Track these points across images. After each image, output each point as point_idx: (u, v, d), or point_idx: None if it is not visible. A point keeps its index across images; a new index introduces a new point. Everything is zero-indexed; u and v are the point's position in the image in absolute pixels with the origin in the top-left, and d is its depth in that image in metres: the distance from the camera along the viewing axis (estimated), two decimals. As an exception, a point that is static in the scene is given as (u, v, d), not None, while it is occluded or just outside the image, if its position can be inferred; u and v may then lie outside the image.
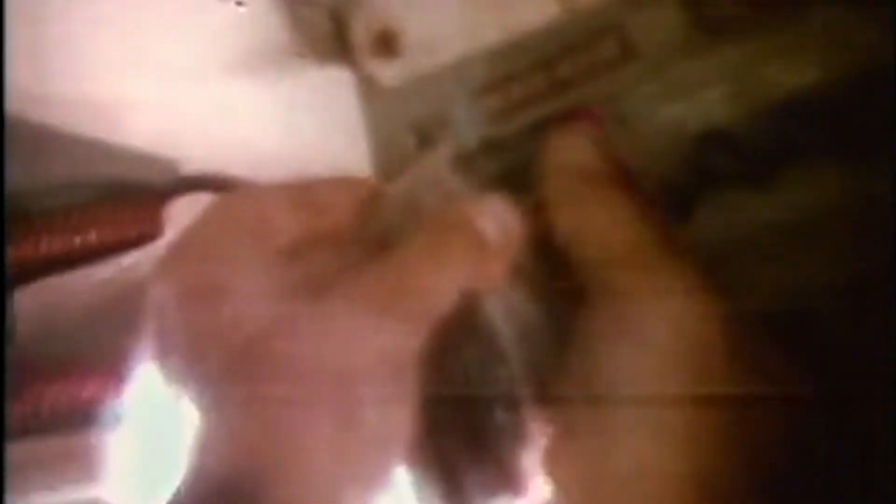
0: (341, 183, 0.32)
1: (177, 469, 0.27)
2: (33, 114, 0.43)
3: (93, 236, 0.42)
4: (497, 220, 0.30)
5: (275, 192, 0.32)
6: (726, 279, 0.32)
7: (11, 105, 0.43)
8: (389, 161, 0.34)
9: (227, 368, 0.28)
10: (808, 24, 0.30)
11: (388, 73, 0.34)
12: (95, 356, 0.39)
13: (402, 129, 0.34)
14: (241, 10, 0.35)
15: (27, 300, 0.39)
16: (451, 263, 0.29)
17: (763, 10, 0.31)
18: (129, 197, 0.40)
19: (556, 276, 0.32)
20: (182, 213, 0.38)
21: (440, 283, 0.29)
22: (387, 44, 0.35)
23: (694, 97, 0.32)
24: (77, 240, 0.41)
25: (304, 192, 0.32)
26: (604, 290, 0.31)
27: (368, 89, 0.35)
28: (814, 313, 0.31)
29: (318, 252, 0.30)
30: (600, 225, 0.31)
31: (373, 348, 0.28)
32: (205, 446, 0.27)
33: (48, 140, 0.43)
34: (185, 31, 0.36)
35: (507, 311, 0.30)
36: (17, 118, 0.44)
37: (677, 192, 0.33)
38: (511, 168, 0.34)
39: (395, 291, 0.28)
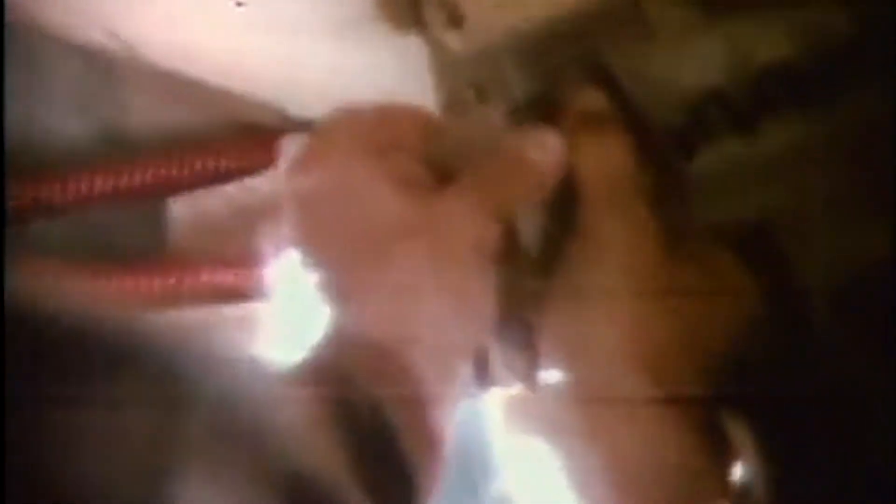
0: (412, 110, 0.42)
1: (313, 332, 0.36)
2: (160, 60, 0.52)
3: (215, 164, 0.52)
4: (543, 147, 0.40)
5: (369, 111, 0.41)
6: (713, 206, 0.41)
7: (142, 50, 0.52)
8: (453, 112, 0.43)
9: (353, 257, 0.37)
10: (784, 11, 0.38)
11: (455, 41, 0.43)
12: (230, 252, 0.49)
13: (464, 87, 0.43)
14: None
15: (178, 207, 0.50)
16: (514, 184, 0.39)
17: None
18: (245, 134, 0.50)
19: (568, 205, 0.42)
20: (291, 149, 0.47)
21: (508, 199, 0.39)
22: (454, 18, 0.43)
23: (697, 63, 0.41)
24: (203, 164, 0.51)
25: (387, 114, 0.41)
26: (592, 215, 0.41)
27: (438, 54, 0.44)
28: (770, 230, 0.40)
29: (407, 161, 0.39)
30: (602, 169, 0.41)
31: (466, 243, 0.37)
32: (339, 319, 0.36)
33: (174, 83, 0.52)
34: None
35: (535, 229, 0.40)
36: (146, 63, 0.53)
37: (682, 138, 0.42)
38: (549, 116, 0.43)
39: (481, 198, 0.38)
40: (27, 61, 0.58)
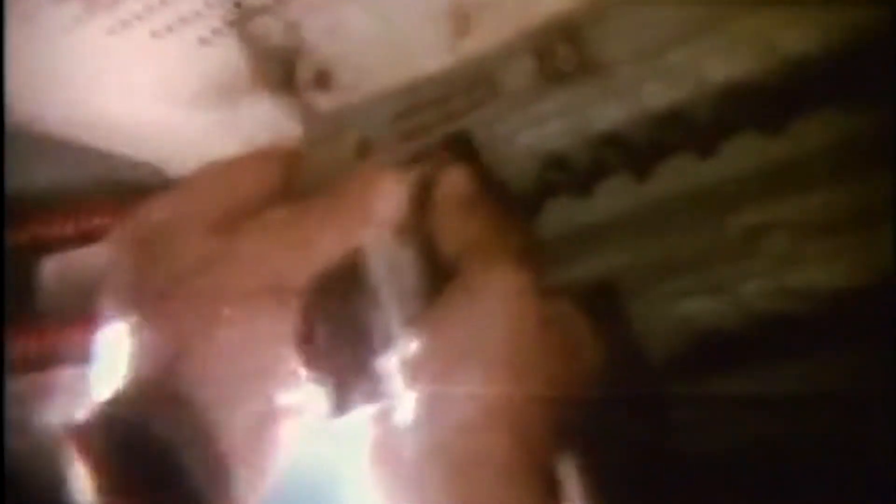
0: (268, 152, 0.44)
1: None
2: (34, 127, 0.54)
3: (89, 222, 0.53)
4: (386, 193, 0.42)
5: (211, 172, 0.44)
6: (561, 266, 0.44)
7: (13, 117, 0.54)
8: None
9: (158, 295, 0.39)
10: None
11: (323, 102, 0.46)
12: (79, 312, 0.50)
13: (336, 143, 0.46)
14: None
15: (50, 266, 0.51)
16: (338, 224, 0.41)
17: (589, 67, 0.43)
18: (122, 193, 0.51)
19: (431, 255, 0.44)
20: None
21: (324, 238, 0.41)
22: (323, 80, 0.47)
23: (541, 127, 0.44)
24: (78, 223, 0.52)
25: (236, 165, 0.44)
26: (461, 270, 0.43)
27: (308, 114, 0.46)
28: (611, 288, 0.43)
29: (248, 212, 0.41)
30: (466, 229, 0.44)
31: (267, 276, 0.39)
32: (141, 354, 0.39)
33: (49, 148, 0.54)
34: (165, 63, 0.48)
35: (390, 268, 0.42)
36: (19, 129, 0.55)
37: (527, 199, 0.45)
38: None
39: (290, 236, 0.40)
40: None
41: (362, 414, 0.44)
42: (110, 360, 0.42)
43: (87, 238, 0.52)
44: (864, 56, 0.39)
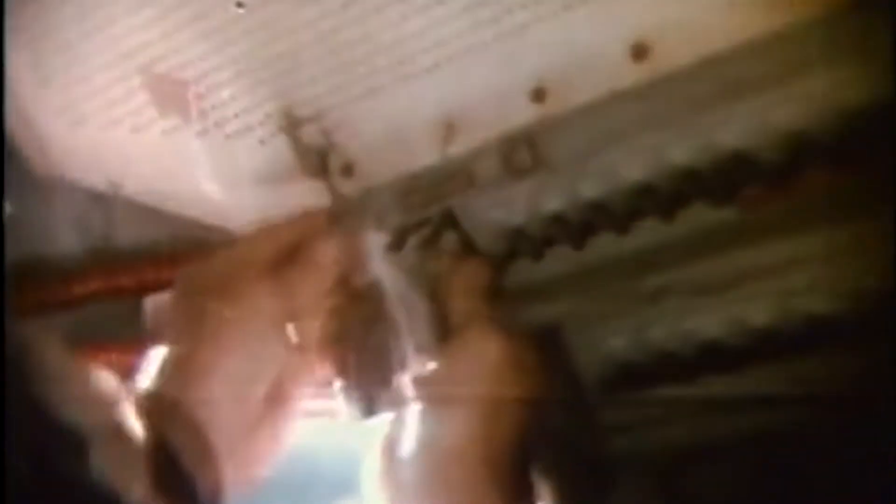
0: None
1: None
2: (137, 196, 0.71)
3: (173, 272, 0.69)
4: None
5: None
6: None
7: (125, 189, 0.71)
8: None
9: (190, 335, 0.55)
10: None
11: (347, 186, 0.62)
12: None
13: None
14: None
15: (150, 302, 0.68)
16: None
17: (541, 164, 0.57)
18: (197, 248, 0.67)
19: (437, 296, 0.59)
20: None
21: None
22: (347, 170, 0.62)
23: (506, 207, 0.59)
24: (166, 272, 0.69)
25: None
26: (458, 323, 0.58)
27: (335, 195, 0.62)
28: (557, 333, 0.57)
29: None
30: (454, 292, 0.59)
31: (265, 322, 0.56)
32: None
33: (148, 213, 0.70)
34: (234, 157, 0.64)
35: (404, 305, 0.58)
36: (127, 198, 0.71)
37: (495, 260, 0.59)
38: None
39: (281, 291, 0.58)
40: (38, 197, 0.77)
41: (384, 419, 0.59)
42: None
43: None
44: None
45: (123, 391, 0.44)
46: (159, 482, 0.43)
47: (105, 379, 0.40)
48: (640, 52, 0.54)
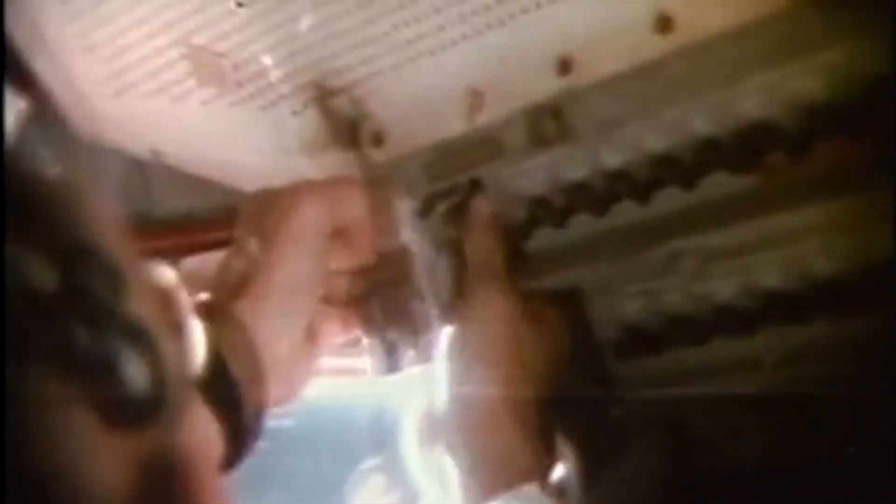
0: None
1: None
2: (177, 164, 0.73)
3: (208, 235, 0.71)
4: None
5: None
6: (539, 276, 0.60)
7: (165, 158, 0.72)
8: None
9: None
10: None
11: (377, 155, 0.63)
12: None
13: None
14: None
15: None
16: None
17: (565, 135, 0.58)
18: (232, 214, 0.69)
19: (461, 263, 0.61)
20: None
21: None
22: (378, 140, 0.63)
23: (529, 178, 0.60)
24: (202, 235, 0.71)
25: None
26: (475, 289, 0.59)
27: (366, 164, 0.63)
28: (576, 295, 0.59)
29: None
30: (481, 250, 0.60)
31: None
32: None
33: (187, 180, 0.72)
34: (268, 127, 0.66)
35: (429, 269, 0.59)
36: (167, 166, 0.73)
37: (520, 228, 0.60)
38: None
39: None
40: (84, 163, 0.79)
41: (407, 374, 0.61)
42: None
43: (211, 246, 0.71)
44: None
45: (184, 291, 0.41)
46: (208, 389, 0.42)
47: (166, 275, 0.39)
48: (664, 24, 0.54)
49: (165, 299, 0.38)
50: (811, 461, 0.53)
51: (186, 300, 0.41)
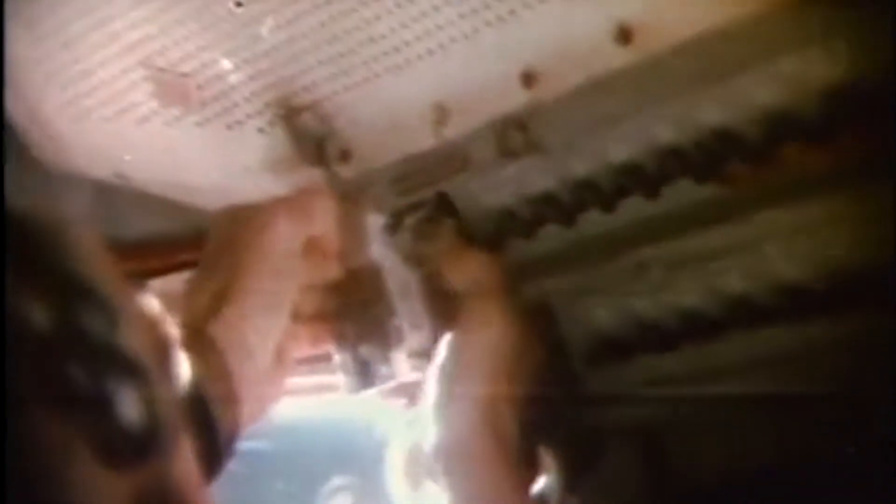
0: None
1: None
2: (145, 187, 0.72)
3: (175, 257, 0.70)
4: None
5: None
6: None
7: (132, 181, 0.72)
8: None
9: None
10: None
11: (345, 171, 0.63)
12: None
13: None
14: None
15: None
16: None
17: (531, 147, 0.59)
18: (199, 235, 0.69)
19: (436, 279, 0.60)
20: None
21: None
22: (345, 156, 0.63)
23: (496, 191, 0.60)
24: (169, 258, 0.70)
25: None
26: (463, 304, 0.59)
27: (333, 179, 0.63)
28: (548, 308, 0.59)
29: None
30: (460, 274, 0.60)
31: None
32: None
33: (154, 202, 0.72)
34: (234, 146, 0.65)
35: (401, 286, 0.59)
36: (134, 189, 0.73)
37: (489, 241, 0.61)
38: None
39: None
40: (49, 190, 0.78)
41: (379, 391, 0.60)
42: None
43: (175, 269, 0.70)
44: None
45: (167, 317, 0.41)
46: (185, 415, 0.42)
47: (152, 304, 0.38)
48: (624, 35, 0.55)
49: (153, 329, 0.38)
50: (788, 464, 0.53)
51: (173, 329, 0.41)
